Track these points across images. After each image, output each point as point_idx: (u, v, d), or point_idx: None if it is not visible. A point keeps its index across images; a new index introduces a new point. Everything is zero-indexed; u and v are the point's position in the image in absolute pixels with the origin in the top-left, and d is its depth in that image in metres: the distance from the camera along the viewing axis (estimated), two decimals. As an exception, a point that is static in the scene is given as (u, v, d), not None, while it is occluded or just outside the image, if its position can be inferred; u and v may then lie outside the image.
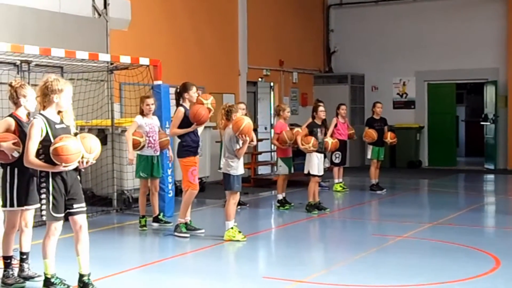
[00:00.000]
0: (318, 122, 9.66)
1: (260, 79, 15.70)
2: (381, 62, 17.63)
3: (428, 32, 17.10)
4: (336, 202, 11.29)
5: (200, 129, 8.04)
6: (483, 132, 17.09)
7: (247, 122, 7.38)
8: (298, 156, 10.79)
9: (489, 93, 16.63)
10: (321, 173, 9.65)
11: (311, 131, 9.52)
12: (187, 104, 7.96)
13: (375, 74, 17.72)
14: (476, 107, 19.41)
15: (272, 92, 16.21)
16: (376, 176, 12.05)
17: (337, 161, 11.98)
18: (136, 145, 8.20)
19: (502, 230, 8.88)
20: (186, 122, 7.83)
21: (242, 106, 9.56)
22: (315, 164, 9.48)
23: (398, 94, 17.68)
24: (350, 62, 17.92)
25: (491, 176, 15.45)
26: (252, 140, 7.51)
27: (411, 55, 17.30)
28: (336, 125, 11.87)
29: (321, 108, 9.64)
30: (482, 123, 17.02)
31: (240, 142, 7.48)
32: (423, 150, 17.33)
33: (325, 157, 10.29)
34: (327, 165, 12.34)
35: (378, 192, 11.87)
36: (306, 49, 17.44)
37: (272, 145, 12.74)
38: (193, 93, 7.96)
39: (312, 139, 9.38)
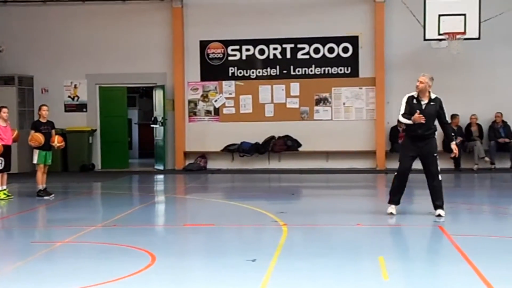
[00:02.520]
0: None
1: None
2: (51, 64, 17.20)
3: (99, 35, 17.19)
4: (-1, 211, 10.64)
5: None
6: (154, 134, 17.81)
7: None
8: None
9: (158, 97, 17.38)
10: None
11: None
12: None
13: (45, 76, 17.19)
14: (148, 110, 20.13)
15: None
16: (43, 181, 11.65)
17: (0, 167, 11.29)
18: None
19: (162, 228, 9.36)
20: None
21: None
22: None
23: (69, 97, 17.40)
24: (17, 63, 17.07)
25: (160, 176, 16.16)
26: None
27: (82, 58, 17.20)
28: (-3, 129, 11.17)
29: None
30: (152, 125, 17.71)
31: None
32: (96, 153, 17.35)
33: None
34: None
35: (46, 197, 11.50)
36: (-35, 48, 16.14)
37: None
38: None
39: None
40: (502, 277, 5.81)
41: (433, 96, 8.98)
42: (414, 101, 8.96)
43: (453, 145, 9.05)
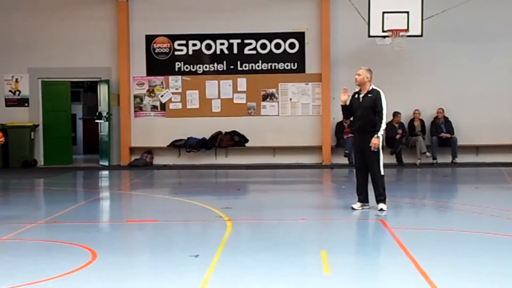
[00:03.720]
0: None
1: None
2: (-9, 58, 16.77)
3: (42, 28, 16.81)
4: None
5: None
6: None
7: None
8: None
9: (103, 91, 17.10)
10: None
11: None
12: None
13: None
14: (93, 105, 19.80)
15: None
16: (-18, 177, 11.36)
17: None
18: None
19: (105, 224, 9.23)
20: None
21: None
22: None
23: (10, 91, 16.96)
24: (-45, 55, 16.58)
25: (105, 172, 15.93)
26: None
27: (23, 51, 16.79)
28: None
29: None
30: (96, 121, 17.43)
31: None
32: (39, 149, 16.97)
33: None
34: None
35: (-15, 194, 11.22)
36: None
37: None
38: None
39: None
40: (439, 269, 5.93)
41: (371, 88, 8.94)
42: (356, 95, 9.09)
43: (373, 139, 8.72)
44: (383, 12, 14.60)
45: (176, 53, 16.89)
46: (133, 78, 16.92)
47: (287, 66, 16.80)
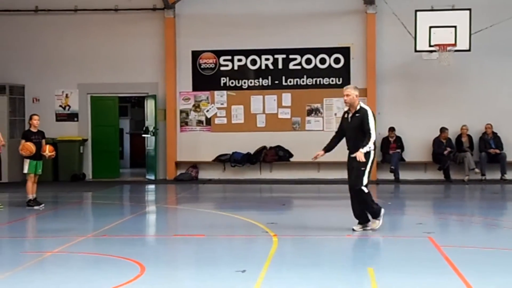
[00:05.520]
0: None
1: None
2: (42, 73, 17.19)
3: (90, 44, 17.18)
4: (-12, 220, 10.57)
5: None
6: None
7: None
8: None
9: (149, 106, 17.37)
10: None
11: None
12: None
13: (36, 85, 17.14)
14: (140, 119, 20.11)
15: None
16: (33, 191, 11.59)
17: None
18: None
19: (153, 238, 9.33)
20: None
21: None
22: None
23: (61, 106, 17.37)
24: (8, 72, 17.02)
25: (152, 186, 16.13)
26: None
27: (74, 67, 17.19)
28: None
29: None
30: (143, 135, 17.70)
31: None
32: (87, 162, 17.31)
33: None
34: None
35: (36, 207, 11.44)
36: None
37: None
38: None
39: None
40: (490, 288, 5.83)
41: (359, 107, 8.61)
42: (345, 115, 8.86)
43: (358, 152, 8.48)
44: (430, 27, 14.50)
45: (222, 68, 17.06)
46: (179, 93, 17.14)
47: (332, 81, 16.78)
